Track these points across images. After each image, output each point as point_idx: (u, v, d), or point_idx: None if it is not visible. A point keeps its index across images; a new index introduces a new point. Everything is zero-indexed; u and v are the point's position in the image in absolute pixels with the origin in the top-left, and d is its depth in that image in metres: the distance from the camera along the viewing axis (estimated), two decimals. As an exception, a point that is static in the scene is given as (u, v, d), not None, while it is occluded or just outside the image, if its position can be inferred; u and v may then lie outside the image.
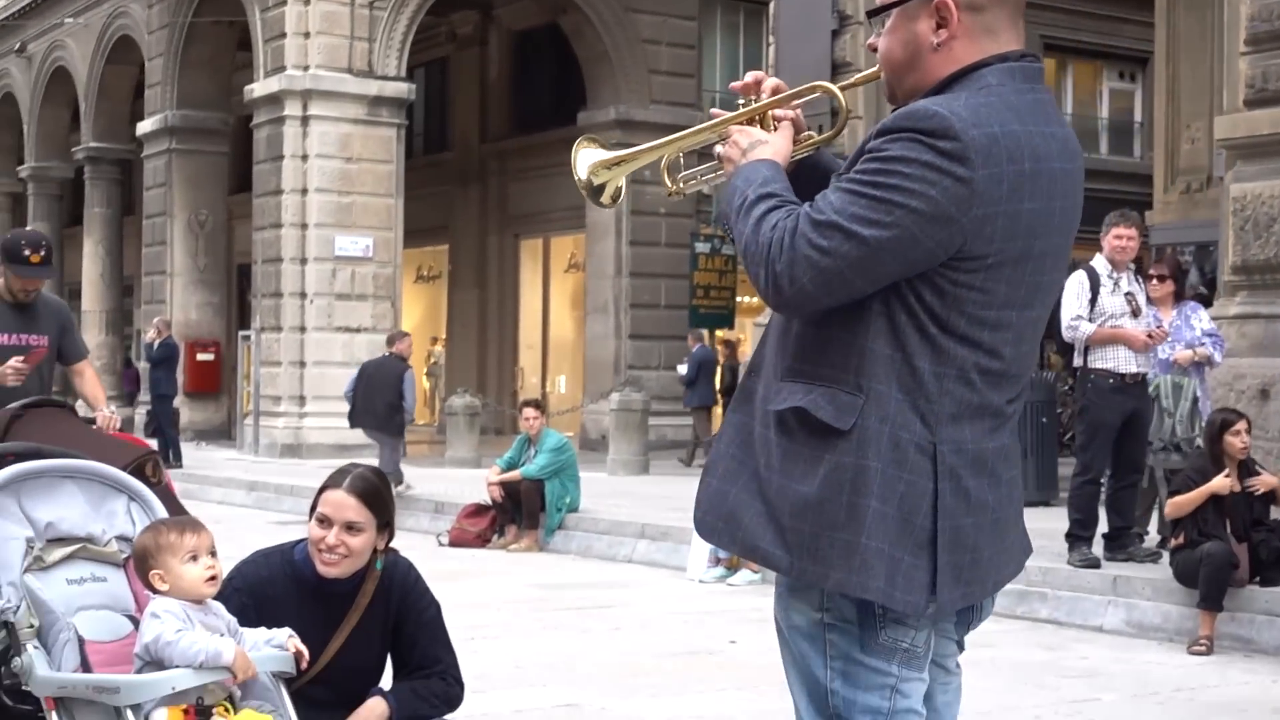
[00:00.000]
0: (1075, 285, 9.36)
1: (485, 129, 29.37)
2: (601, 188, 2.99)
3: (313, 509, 4.05)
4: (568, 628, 8.68)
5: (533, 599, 9.83)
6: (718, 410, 20.51)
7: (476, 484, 14.48)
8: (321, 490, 4.05)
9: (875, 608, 2.64)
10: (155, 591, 3.72)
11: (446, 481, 16.07)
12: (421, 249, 29.06)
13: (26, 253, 6.76)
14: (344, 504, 3.98)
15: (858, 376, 2.62)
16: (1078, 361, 9.50)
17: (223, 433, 25.62)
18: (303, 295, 21.70)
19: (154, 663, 3.60)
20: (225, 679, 3.60)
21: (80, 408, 6.66)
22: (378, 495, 4.06)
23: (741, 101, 2.94)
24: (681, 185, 3.04)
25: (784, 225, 2.60)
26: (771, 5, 16.49)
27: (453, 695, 4.16)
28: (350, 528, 3.97)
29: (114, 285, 30.74)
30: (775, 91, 2.90)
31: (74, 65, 30.54)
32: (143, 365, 23.40)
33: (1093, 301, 9.31)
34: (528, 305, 28.69)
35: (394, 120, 22.34)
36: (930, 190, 2.52)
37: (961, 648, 2.92)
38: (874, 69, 2.85)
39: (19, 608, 3.66)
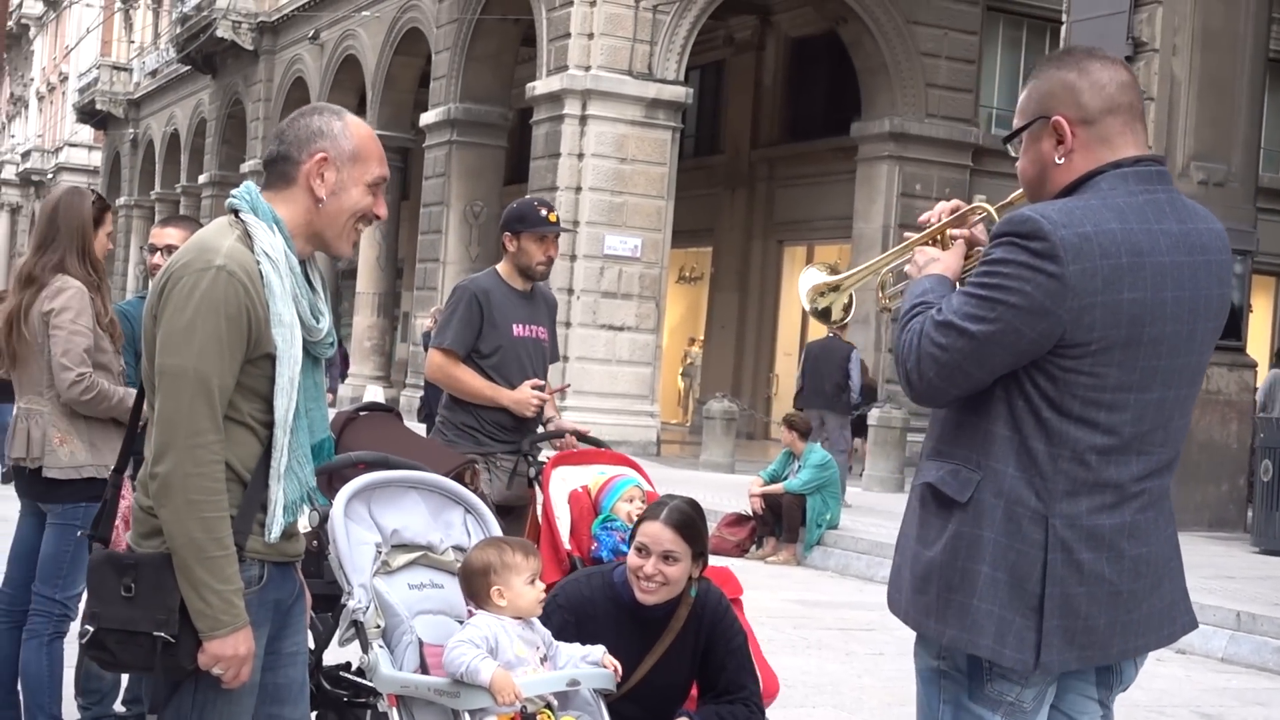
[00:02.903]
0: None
1: (756, 134, 29.57)
2: (828, 310, 3.39)
3: (631, 537, 4.29)
4: (831, 648, 8.80)
5: (794, 615, 9.97)
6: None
7: (733, 490, 14.69)
8: (640, 521, 4.29)
9: (984, 662, 2.92)
10: (482, 606, 3.98)
11: (703, 486, 16.30)
12: (685, 249, 29.40)
13: (543, 212, 6.06)
14: (661, 535, 4.21)
15: (980, 456, 2.92)
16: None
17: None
18: (570, 291, 22.21)
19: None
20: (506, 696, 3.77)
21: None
22: (693, 526, 4.27)
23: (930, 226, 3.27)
24: (889, 301, 3.36)
25: (914, 327, 2.95)
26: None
27: (754, 722, 4.35)
28: (667, 557, 4.20)
29: (388, 269, 31.88)
30: (953, 212, 3.23)
31: (363, 55, 31.79)
32: (412, 349, 24.12)
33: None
34: (787, 312, 28.77)
35: (670, 123, 22.69)
36: (1026, 286, 2.80)
37: (1106, 706, 3.10)
38: (1022, 190, 3.14)
39: (368, 608, 3.96)
